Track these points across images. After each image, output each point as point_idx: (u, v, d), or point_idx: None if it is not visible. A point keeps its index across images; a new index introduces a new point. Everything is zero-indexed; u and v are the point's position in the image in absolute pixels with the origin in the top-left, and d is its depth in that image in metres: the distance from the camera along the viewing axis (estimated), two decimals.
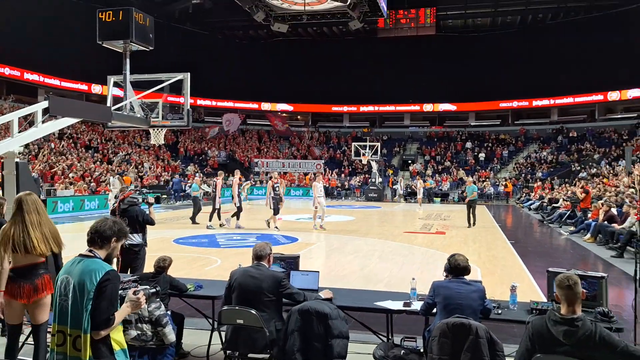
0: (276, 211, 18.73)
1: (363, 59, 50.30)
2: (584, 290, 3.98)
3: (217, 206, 19.54)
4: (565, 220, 21.36)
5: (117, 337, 3.71)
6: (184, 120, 11.06)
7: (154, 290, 4.42)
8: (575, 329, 3.66)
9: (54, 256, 5.23)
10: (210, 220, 19.40)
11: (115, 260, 7.26)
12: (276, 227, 18.69)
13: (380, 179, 39.86)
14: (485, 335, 4.30)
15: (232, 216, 19.67)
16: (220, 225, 19.39)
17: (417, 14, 46.41)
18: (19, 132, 7.89)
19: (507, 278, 10.64)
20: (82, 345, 3.52)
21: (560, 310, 3.81)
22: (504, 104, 50.00)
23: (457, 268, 5.03)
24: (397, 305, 5.61)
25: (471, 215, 20.59)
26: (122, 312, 3.74)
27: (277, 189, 18.85)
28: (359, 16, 23.94)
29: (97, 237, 3.77)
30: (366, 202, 35.83)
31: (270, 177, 20.22)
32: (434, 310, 5.11)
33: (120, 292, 3.85)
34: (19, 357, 5.32)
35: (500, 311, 5.32)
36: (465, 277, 5.09)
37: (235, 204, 19.46)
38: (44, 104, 7.83)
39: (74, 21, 36.72)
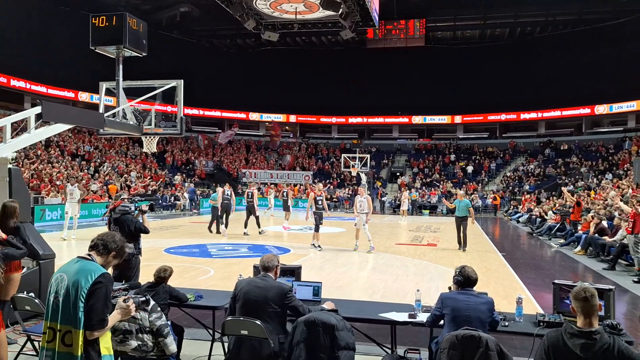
0: (317, 227, 17.11)
1: (352, 70, 50.13)
2: (600, 303, 3.90)
3: (257, 214, 20.18)
4: (554, 233, 21.41)
5: (106, 342, 3.77)
6: (177, 128, 10.92)
7: (143, 298, 4.38)
8: (592, 342, 3.58)
9: None
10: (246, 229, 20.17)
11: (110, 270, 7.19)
12: (315, 245, 17.09)
13: (369, 191, 39.69)
14: (495, 348, 4.24)
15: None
16: (260, 232, 20.30)
17: (407, 25, 46.44)
18: (11, 138, 7.75)
19: (502, 290, 10.63)
20: (72, 341, 3.57)
21: (576, 323, 3.73)
22: (492, 117, 50.03)
23: (469, 280, 4.96)
24: (402, 316, 5.53)
25: (461, 235, 17.39)
26: (113, 318, 3.82)
27: (319, 202, 17.10)
28: (351, 26, 23.89)
29: (100, 244, 3.89)
30: (355, 214, 35.48)
31: (311, 188, 19.37)
32: (441, 322, 5.03)
33: None
34: None
35: (507, 323, 5.26)
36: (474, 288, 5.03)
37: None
38: (37, 109, 7.67)
39: (61, 28, 36.57)
